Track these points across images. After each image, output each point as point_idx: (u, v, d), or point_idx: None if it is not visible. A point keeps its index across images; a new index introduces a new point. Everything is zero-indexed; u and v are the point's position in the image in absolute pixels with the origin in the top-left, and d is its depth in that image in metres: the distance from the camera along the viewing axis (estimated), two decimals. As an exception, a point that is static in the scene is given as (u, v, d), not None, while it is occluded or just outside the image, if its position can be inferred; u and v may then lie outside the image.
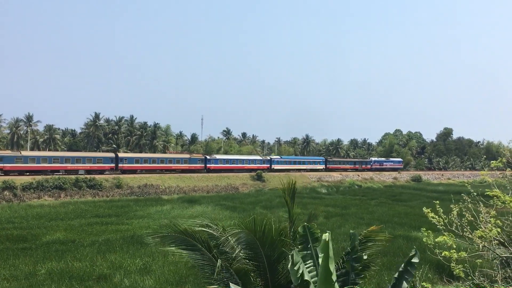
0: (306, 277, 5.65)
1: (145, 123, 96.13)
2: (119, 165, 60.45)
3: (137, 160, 62.98)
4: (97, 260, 19.03)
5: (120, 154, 63.91)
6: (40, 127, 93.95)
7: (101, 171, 58.65)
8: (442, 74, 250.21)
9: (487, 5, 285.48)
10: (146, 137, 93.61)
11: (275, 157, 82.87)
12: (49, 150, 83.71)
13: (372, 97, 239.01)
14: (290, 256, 6.00)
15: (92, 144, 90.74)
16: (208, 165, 69.36)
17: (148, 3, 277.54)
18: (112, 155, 62.70)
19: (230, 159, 74.08)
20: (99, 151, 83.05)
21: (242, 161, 74.67)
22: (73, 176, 50.89)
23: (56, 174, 52.87)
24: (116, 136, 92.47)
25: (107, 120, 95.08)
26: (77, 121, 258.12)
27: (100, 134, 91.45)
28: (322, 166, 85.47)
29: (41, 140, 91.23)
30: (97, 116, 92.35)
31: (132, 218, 32.33)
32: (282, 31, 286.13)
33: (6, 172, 51.44)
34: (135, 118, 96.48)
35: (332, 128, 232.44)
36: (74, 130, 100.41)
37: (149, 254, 19.89)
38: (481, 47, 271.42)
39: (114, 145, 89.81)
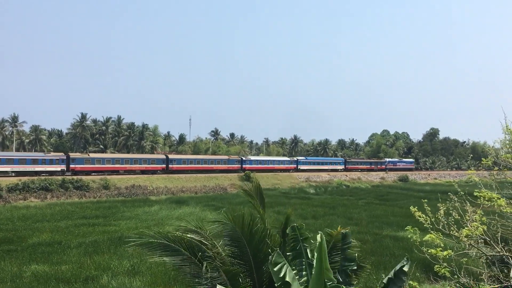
0: (287, 279, 5.66)
1: (133, 123, 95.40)
2: (169, 166, 63.39)
3: (185, 161, 66.34)
4: (84, 262, 18.85)
5: (170, 156, 67.22)
6: (26, 128, 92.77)
7: (154, 171, 61.72)
8: (430, 75, 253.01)
9: (480, 7, 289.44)
10: (134, 137, 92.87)
11: (301, 158, 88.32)
12: (35, 151, 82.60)
13: (360, 98, 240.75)
14: (270, 256, 6.02)
15: (79, 144, 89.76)
16: (244, 165, 73.35)
17: (135, 3, 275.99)
18: (163, 156, 65.70)
19: (263, 160, 79.98)
20: (86, 152, 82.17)
21: (273, 161, 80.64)
22: (59, 177, 50.32)
23: (116, 175, 55.75)
24: (103, 137, 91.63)
25: (94, 121, 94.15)
26: (64, 122, 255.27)
27: (87, 135, 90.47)
28: (341, 167, 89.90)
29: (27, 140, 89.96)
30: (84, 117, 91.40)
31: (119, 219, 32.06)
32: (272, 32, 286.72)
33: (76, 173, 53.51)
34: (123, 119, 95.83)
35: (320, 128, 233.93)
36: (61, 130, 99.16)
37: (137, 255, 19.72)
38: (469, 49, 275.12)
39: (102, 146, 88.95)
